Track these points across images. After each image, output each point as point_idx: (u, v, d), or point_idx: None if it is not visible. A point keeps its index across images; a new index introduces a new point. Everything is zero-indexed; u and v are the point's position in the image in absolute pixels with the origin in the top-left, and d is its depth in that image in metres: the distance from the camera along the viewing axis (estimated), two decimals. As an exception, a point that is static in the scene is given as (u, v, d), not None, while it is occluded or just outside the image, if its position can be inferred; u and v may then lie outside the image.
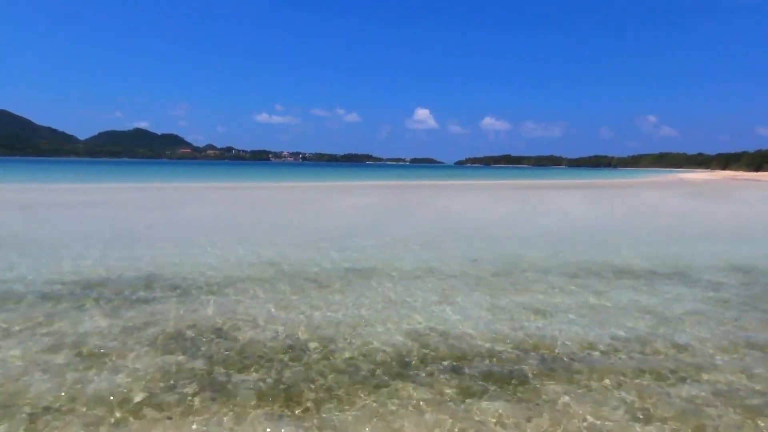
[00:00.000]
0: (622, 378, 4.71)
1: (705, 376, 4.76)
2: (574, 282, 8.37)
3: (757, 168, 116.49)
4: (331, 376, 4.68)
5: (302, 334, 5.70)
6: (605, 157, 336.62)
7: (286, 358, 5.09)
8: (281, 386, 4.48)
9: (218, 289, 7.45)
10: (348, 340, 5.52)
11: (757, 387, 4.55)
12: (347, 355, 5.16)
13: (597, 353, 5.29)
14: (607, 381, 4.64)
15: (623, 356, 5.21)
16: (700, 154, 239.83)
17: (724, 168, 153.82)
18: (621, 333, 5.90)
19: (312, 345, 5.39)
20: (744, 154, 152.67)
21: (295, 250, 10.62)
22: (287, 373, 4.74)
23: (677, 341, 5.66)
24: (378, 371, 4.80)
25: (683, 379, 4.69)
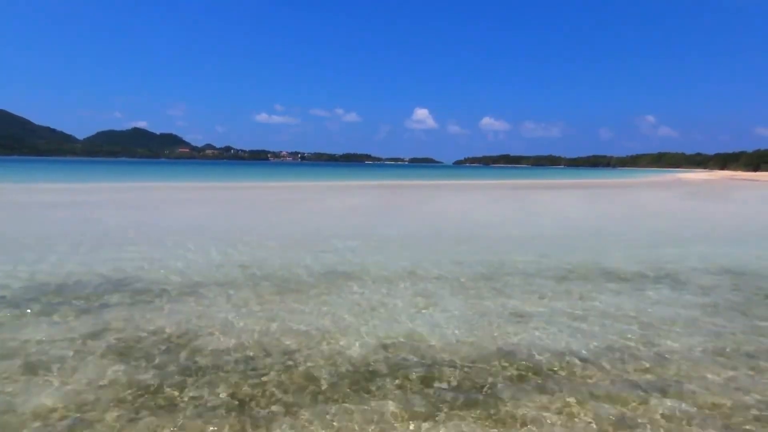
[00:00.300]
0: (598, 393, 4.38)
1: (687, 391, 4.42)
2: (560, 286, 8.04)
3: (756, 168, 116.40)
4: (286, 392, 4.35)
5: (262, 345, 5.36)
6: (604, 156, 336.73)
7: (240, 371, 4.75)
8: (232, 402, 4.15)
9: (181, 295, 7.10)
10: (309, 352, 5.18)
11: (743, 403, 4.22)
12: (306, 368, 4.82)
13: (574, 365, 4.95)
14: (582, 396, 4.31)
15: (601, 368, 4.87)
16: (698, 154, 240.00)
17: (722, 168, 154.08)
18: (601, 342, 5.57)
19: (270, 357, 5.05)
20: (742, 154, 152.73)
21: (273, 253, 10.28)
22: (239, 388, 4.41)
23: (660, 351, 5.33)
24: (338, 386, 4.46)
25: (663, 394, 4.35)
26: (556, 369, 4.87)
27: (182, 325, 5.91)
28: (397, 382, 4.58)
